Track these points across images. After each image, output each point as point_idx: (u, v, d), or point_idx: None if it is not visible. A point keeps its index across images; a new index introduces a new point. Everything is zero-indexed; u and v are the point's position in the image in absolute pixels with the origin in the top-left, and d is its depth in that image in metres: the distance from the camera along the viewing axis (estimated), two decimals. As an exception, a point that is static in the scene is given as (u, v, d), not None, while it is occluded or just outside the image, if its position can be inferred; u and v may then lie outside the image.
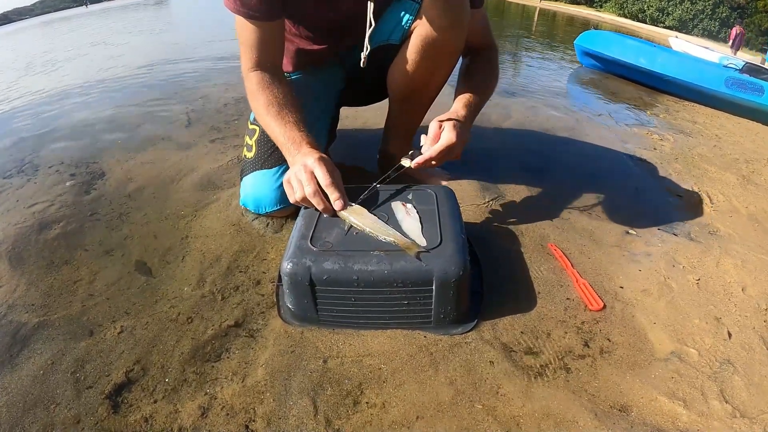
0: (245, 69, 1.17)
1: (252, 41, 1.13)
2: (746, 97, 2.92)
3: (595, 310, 1.01)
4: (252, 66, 1.15)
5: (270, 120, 1.10)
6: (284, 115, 1.10)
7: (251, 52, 1.14)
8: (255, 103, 1.15)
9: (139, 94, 2.56)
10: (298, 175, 0.98)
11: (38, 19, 14.27)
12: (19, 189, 1.49)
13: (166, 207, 1.37)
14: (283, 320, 0.96)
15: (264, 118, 1.11)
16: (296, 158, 1.03)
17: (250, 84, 1.15)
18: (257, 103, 1.13)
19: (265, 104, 1.11)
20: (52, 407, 0.78)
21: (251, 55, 1.14)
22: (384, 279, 0.85)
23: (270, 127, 1.11)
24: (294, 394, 0.81)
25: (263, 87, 1.13)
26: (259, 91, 1.13)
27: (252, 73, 1.15)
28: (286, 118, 1.09)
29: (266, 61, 1.16)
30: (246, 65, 1.16)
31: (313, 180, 0.97)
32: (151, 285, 1.06)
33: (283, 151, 1.09)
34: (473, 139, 1.89)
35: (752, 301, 1.09)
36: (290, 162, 1.06)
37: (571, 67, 4.05)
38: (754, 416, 0.80)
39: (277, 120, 1.09)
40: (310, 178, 0.97)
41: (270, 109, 1.10)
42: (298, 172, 0.98)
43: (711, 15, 21.62)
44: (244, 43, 1.14)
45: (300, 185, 0.97)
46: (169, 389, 0.81)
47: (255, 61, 1.15)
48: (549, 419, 0.77)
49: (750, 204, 1.60)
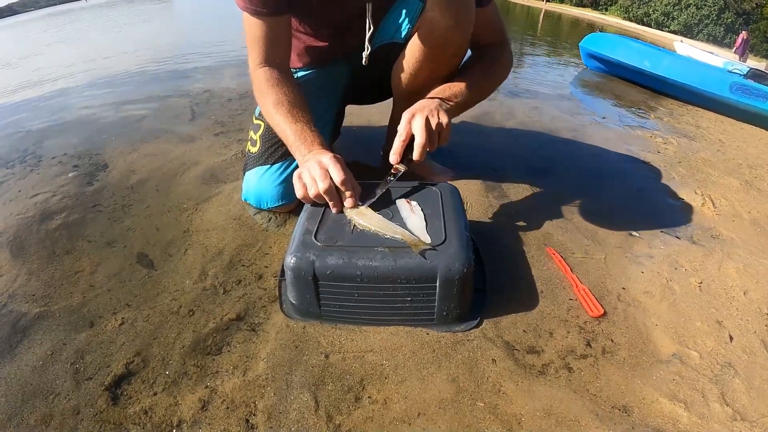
0: (253, 65, 1.16)
1: (259, 37, 1.12)
2: (750, 103, 2.91)
3: (595, 317, 1.00)
4: (260, 62, 1.15)
5: (280, 118, 1.09)
6: (295, 114, 1.09)
7: (259, 49, 1.14)
8: (263, 99, 1.13)
9: (144, 87, 2.56)
10: (312, 171, 0.97)
11: (44, 11, 14.26)
12: (21, 179, 1.49)
13: (168, 200, 1.37)
14: (285, 314, 0.96)
15: (273, 115, 1.10)
16: (308, 156, 1.02)
17: (258, 80, 1.15)
18: (266, 99, 1.12)
19: (275, 102, 1.10)
20: (51, 398, 0.78)
21: (259, 51, 1.14)
22: (387, 275, 0.85)
23: (279, 125, 1.10)
24: (295, 389, 0.80)
25: (272, 84, 1.13)
26: (268, 88, 1.12)
27: (260, 69, 1.15)
28: (297, 117, 1.09)
29: (274, 57, 1.16)
30: (254, 61, 1.16)
31: (328, 177, 0.96)
32: (152, 277, 1.06)
33: (292, 149, 1.07)
34: (478, 138, 1.91)
35: (754, 305, 1.09)
36: (301, 160, 1.05)
37: (575, 70, 4.04)
38: (755, 420, 0.80)
39: (287, 118, 1.08)
40: (325, 175, 0.96)
41: (279, 107, 1.10)
42: (312, 169, 0.97)
43: (716, 20, 21.59)
44: (251, 39, 1.14)
45: (314, 182, 0.96)
46: (169, 382, 0.81)
47: (263, 57, 1.14)
48: (550, 418, 0.77)
49: (752, 209, 1.60)
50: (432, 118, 1.04)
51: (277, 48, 1.16)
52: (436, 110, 1.06)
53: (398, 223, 0.94)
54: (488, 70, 1.26)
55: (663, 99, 3.25)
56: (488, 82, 1.27)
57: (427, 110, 1.05)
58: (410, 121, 1.04)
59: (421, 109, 1.06)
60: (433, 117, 1.04)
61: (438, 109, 1.07)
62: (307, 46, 1.32)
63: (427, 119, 1.03)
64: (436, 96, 1.13)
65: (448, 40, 1.13)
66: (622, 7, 25.32)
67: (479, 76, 1.22)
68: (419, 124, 1.02)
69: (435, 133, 1.04)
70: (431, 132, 1.03)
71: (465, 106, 1.19)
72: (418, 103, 1.10)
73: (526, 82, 3.19)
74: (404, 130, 1.04)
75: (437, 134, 1.05)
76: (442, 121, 1.05)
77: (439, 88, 1.17)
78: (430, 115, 1.04)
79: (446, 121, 1.06)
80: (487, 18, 1.20)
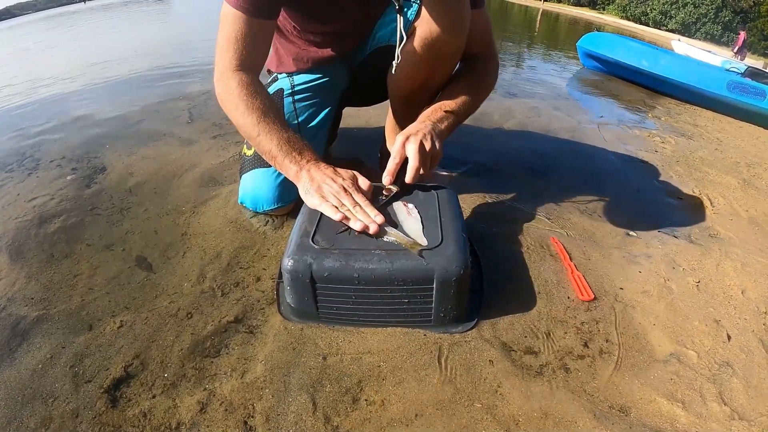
0: (225, 68, 1.08)
1: (238, 38, 1.06)
2: (748, 101, 2.91)
3: (584, 300, 1.03)
4: (236, 65, 1.07)
5: (271, 126, 1.05)
6: (285, 124, 1.08)
7: (236, 51, 1.06)
8: (242, 106, 1.05)
9: (141, 90, 2.56)
10: (346, 186, 0.99)
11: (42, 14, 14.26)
12: (20, 183, 1.49)
13: (167, 202, 1.37)
14: (283, 317, 0.96)
15: (258, 123, 1.05)
16: (317, 173, 1.02)
17: (231, 85, 1.06)
18: (245, 106, 1.05)
19: (262, 109, 1.06)
20: (50, 401, 0.78)
21: (235, 53, 1.07)
22: (385, 277, 0.85)
23: (269, 135, 1.04)
24: (293, 391, 0.81)
25: (254, 92, 1.07)
26: (249, 96, 1.06)
27: (235, 73, 1.07)
28: (286, 127, 1.08)
29: (251, 63, 1.10)
30: (226, 65, 1.08)
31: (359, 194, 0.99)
32: (151, 280, 1.06)
33: (289, 161, 1.04)
34: (476, 138, 1.91)
35: (752, 304, 1.09)
36: (309, 172, 1.03)
37: (573, 69, 4.05)
38: (753, 419, 0.80)
39: (282, 127, 1.06)
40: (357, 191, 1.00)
41: (267, 115, 1.06)
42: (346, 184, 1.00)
43: (714, 19, 21.63)
44: (228, 39, 1.06)
45: (349, 199, 0.97)
46: (168, 384, 0.81)
47: (240, 60, 1.07)
48: (548, 419, 0.78)
49: (750, 207, 1.60)
50: (426, 142, 1.05)
51: (256, 53, 1.10)
52: (429, 134, 1.07)
53: (395, 226, 0.94)
54: (478, 87, 1.26)
55: (661, 98, 3.26)
56: (477, 99, 1.26)
57: (420, 134, 1.06)
58: (404, 144, 1.05)
59: (415, 133, 1.06)
60: (426, 141, 1.05)
61: (432, 133, 1.08)
62: (304, 49, 1.31)
63: (421, 143, 1.04)
64: (428, 119, 1.13)
65: (444, 41, 1.12)
66: (620, 6, 25.37)
67: (469, 94, 1.21)
68: (413, 147, 1.03)
69: (428, 156, 1.05)
70: (425, 155, 1.04)
71: (456, 125, 1.19)
72: (412, 126, 1.11)
73: (525, 82, 3.19)
74: (398, 153, 1.05)
75: (429, 158, 1.06)
76: (436, 146, 1.07)
77: (431, 109, 1.16)
78: (423, 139, 1.05)
79: (439, 147, 1.07)
80: (476, 23, 1.18)
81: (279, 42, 1.35)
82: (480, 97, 1.27)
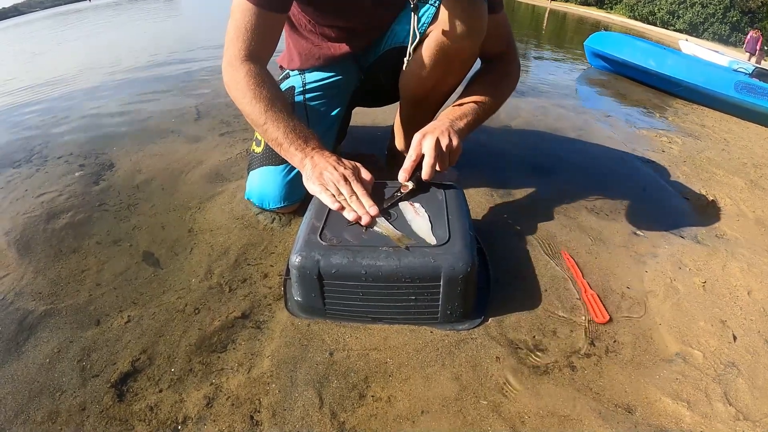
0: (234, 57, 1.08)
1: (249, 29, 1.06)
2: (756, 102, 2.90)
3: (599, 323, 0.99)
4: (244, 56, 1.07)
5: (278, 115, 1.06)
6: (291, 113, 1.08)
7: (245, 41, 1.06)
8: (250, 94, 1.06)
9: (149, 87, 2.57)
10: (347, 175, 1.00)
11: (49, 11, 14.32)
12: (28, 179, 1.50)
13: (174, 199, 1.37)
14: (290, 312, 0.97)
15: (265, 112, 1.05)
16: (320, 160, 1.02)
17: (239, 74, 1.07)
18: (253, 95, 1.05)
19: (269, 98, 1.06)
20: (57, 395, 0.79)
21: (244, 43, 1.06)
22: (392, 274, 0.86)
23: (276, 123, 1.05)
24: (299, 386, 0.81)
25: (261, 81, 1.07)
26: (257, 85, 1.06)
27: (243, 62, 1.07)
28: (293, 116, 1.08)
29: (259, 54, 1.10)
30: (235, 54, 1.07)
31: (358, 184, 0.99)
32: (158, 276, 1.07)
33: (294, 148, 1.05)
34: (482, 137, 1.91)
35: (758, 304, 1.09)
36: (313, 159, 1.03)
37: (580, 68, 4.03)
38: (758, 419, 0.80)
39: (289, 116, 1.07)
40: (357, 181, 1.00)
41: (274, 104, 1.06)
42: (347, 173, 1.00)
43: (722, 19, 21.50)
44: (238, 29, 1.06)
45: (348, 188, 0.98)
46: (174, 379, 0.82)
47: (248, 51, 1.07)
48: (554, 417, 0.78)
49: (757, 208, 1.59)
50: (443, 139, 1.04)
51: (265, 44, 1.10)
52: (447, 131, 1.06)
53: (402, 226, 0.94)
54: (498, 87, 1.24)
55: (668, 98, 3.24)
56: (498, 100, 1.24)
57: (438, 131, 1.05)
58: (421, 141, 1.05)
59: (432, 130, 1.06)
60: (444, 138, 1.05)
61: (449, 130, 1.07)
62: (317, 45, 1.31)
63: (437, 140, 1.03)
64: (446, 117, 1.13)
65: (459, 47, 1.11)
66: (627, 6, 25.23)
67: (489, 94, 1.20)
68: (429, 144, 1.03)
69: (445, 153, 1.05)
70: (441, 152, 1.04)
71: (476, 124, 1.18)
72: (430, 124, 1.10)
73: (532, 81, 3.18)
74: (414, 150, 1.05)
75: (447, 155, 1.05)
76: (453, 142, 1.06)
77: (450, 109, 1.16)
78: (441, 136, 1.04)
79: (457, 143, 1.06)
80: (496, 25, 1.16)
81: (291, 38, 1.35)
82: (501, 97, 1.26)
